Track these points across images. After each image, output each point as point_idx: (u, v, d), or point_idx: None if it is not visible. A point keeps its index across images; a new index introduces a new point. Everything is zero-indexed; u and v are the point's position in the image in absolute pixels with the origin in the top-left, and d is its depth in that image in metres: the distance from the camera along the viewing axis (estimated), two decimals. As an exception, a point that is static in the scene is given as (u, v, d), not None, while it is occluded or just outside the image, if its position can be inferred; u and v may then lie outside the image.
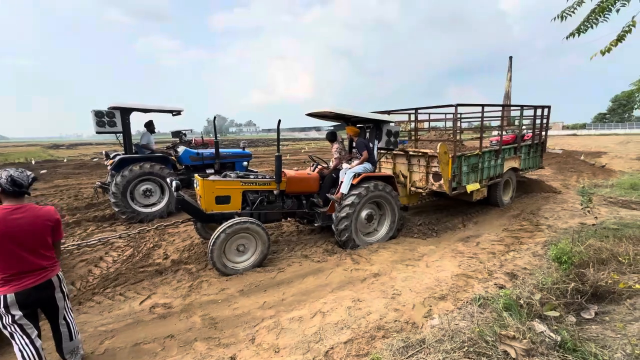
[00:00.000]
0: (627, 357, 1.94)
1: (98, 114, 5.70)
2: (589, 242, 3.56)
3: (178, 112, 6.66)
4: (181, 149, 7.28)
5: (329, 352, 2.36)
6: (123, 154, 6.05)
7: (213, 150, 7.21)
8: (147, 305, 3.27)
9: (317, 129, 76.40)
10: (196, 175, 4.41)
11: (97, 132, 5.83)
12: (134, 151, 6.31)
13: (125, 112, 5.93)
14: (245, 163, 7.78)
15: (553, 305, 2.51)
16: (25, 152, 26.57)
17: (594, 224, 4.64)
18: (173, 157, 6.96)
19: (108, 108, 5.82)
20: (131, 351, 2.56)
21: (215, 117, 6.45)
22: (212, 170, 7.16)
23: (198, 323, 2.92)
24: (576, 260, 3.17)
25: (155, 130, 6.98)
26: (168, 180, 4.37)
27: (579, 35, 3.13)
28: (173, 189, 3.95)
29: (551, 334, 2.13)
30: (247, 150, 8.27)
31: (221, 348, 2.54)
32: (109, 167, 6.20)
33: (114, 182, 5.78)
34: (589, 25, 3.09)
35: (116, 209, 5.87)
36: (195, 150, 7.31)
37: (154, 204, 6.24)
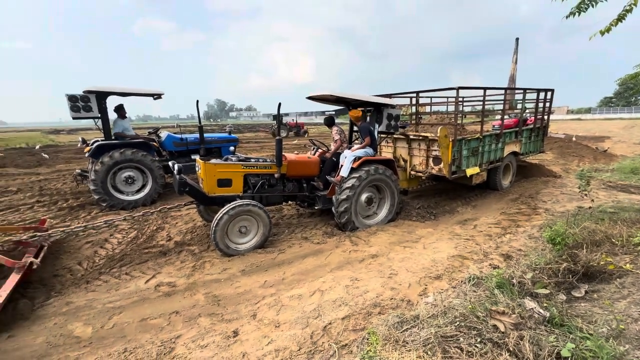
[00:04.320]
0: (611, 332, 2.03)
1: (72, 99, 5.42)
2: (584, 224, 3.61)
3: (159, 96, 6.36)
4: (164, 134, 7.07)
5: (327, 327, 2.47)
6: (102, 140, 5.88)
7: (198, 136, 7.00)
8: (152, 284, 3.39)
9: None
10: (197, 158, 4.45)
11: (73, 118, 5.54)
12: (113, 137, 6.08)
13: (101, 96, 5.67)
14: (232, 148, 7.52)
15: (544, 284, 2.60)
16: (26, 138, 26.53)
17: (590, 207, 4.69)
18: (155, 143, 6.79)
19: (83, 92, 5.52)
20: (138, 326, 2.68)
21: (197, 102, 6.21)
22: (197, 156, 7.02)
23: (202, 300, 3.04)
24: (570, 241, 3.23)
25: (127, 115, 6.62)
26: (170, 163, 4.41)
27: (579, 14, 3.06)
28: (175, 172, 4.00)
29: (540, 310, 2.22)
30: (233, 135, 8.10)
31: (224, 323, 2.66)
32: (86, 154, 6.04)
33: (93, 169, 5.63)
34: (588, 4, 3.02)
35: (96, 197, 5.74)
36: (179, 136, 7.12)
37: (138, 191, 6.13)
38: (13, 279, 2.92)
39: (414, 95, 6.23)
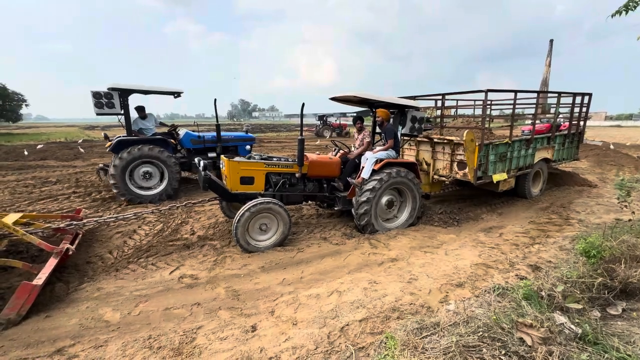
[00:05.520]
0: (652, 354, 1.89)
1: (96, 95, 5.63)
2: (622, 237, 3.37)
3: (178, 94, 6.52)
4: (182, 132, 7.22)
5: (344, 328, 2.46)
6: (124, 136, 6.08)
7: (215, 134, 7.09)
8: (176, 275, 3.52)
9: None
10: (222, 156, 4.57)
11: (97, 114, 5.75)
12: (133, 134, 6.27)
13: (124, 93, 5.86)
14: (248, 147, 7.56)
15: (576, 298, 2.45)
16: (65, 133, 28.46)
17: (630, 220, 4.37)
18: (173, 140, 6.92)
19: (107, 89, 5.74)
20: (162, 314, 2.79)
21: (215, 100, 6.24)
22: (214, 154, 6.99)
23: (222, 294, 3.11)
24: (606, 255, 3.03)
25: (148, 114, 6.80)
26: (196, 160, 4.56)
27: (626, 12, 2.85)
28: (201, 168, 4.13)
29: (572, 326, 2.10)
30: (250, 134, 8.18)
31: (243, 317, 2.71)
32: (107, 149, 6.23)
33: (112, 164, 5.84)
34: (638, 1, 2.81)
35: (115, 191, 5.95)
36: (197, 134, 7.23)
37: (155, 186, 6.26)
38: (51, 262, 3.14)
39: (440, 97, 6.09)
